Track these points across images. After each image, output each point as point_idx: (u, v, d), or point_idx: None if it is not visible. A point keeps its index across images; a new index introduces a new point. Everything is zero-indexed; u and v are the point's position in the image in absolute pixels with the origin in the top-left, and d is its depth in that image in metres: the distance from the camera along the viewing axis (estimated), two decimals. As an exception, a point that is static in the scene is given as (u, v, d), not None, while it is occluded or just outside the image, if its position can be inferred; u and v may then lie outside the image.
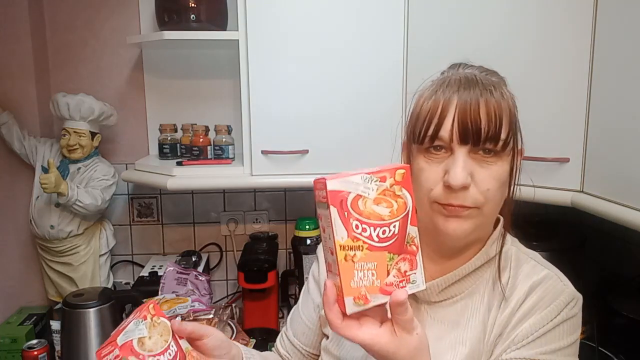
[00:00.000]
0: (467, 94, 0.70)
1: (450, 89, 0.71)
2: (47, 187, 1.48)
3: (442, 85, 0.72)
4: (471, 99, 0.69)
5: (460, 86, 0.71)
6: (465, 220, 0.71)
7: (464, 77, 0.72)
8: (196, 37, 1.55)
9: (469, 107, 0.69)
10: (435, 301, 0.78)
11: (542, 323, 0.73)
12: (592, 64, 1.14)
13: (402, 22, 1.46)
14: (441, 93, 0.71)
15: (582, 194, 1.18)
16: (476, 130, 0.69)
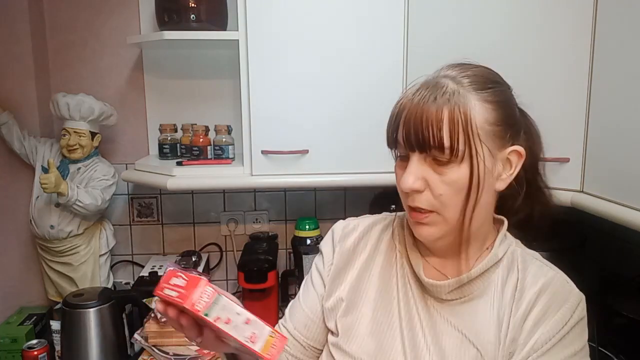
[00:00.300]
0: (418, 99, 0.71)
1: (410, 93, 0.73)
2: (47, 187, 1.48)
3: (409, 89, 0.74)
4: (417, 106, 0.71)
5: (416, 92, 0.72)
6: (430, 226, 0.75)
7: (427, 82, 0.74)
8: (196, 37, 1.55)
9: (413, 115, 0.71)
10: (445, 299, 0.78)
11: (557, 327, 0.74)
12: (592, 64, 1.14)
13: (402, 22, 1.46)
14: (403, 97, 0.74)
15: (582, 194, 1.18)
16: (418, 138, 0.71)
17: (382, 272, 0.85)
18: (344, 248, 0.89)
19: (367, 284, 0.84)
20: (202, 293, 0.66)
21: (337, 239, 0.90)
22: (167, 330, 1.42)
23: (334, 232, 0.92)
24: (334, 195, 1.92)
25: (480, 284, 0.78)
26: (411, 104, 0.72)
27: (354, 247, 0.88)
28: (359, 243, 0.89)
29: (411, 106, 0.72)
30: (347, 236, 0.90)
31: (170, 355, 1.39)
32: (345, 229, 0.91)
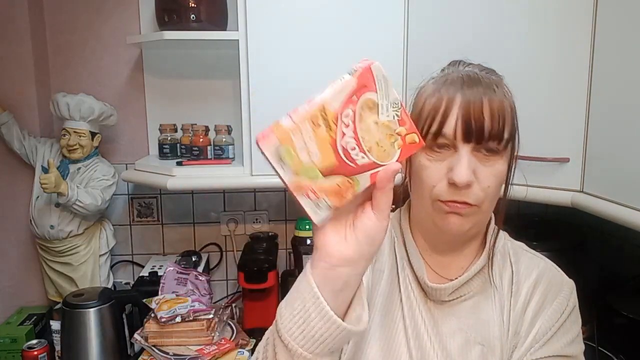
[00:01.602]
0: (470, 92, 0.70)
1: (453, 87, 0.71)
2: (47, 187, 1.48)
3: (445, 83, 0.72)
4: (474, 97, 0.69)
5: (464, 84, 0.71)
6: (465, 218, 0.72)
7: (466, 75, 0.72)
8: (196, 37, 1.55)
9: (472, 105, 0.69)
10: (446, 300, 0.78)
11: (556, 316, 0.76)
12: (592, 64, 1.14)
13: (402, 21, 1.46)
14: (444, 90, 0.71)
15: (582, 194, 1.18)
16: (479, 129, 0.69)
17: (389, 277, 0.82)
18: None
19: (377, 290, 0.81)
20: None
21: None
22: (167, 330, 1.42)
23: None
24: (334, 195, 1.92)
25: (479, 280, 0.79)
26: (464, 96, 0.70)
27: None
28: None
29: (465, 98, 0.70)
30: None
31: (170, 355, 1.39)
32: None
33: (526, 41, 1.24)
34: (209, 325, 1.44)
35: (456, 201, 0.71)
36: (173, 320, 1.41)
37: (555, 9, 1.19)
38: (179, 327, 1.42)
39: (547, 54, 1.21)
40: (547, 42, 1.21)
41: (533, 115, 1.24)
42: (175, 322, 1.41)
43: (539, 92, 1.23)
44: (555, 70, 1.20)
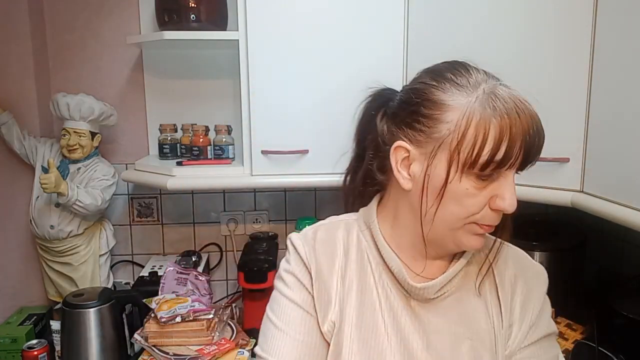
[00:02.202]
0: (527, 122, 0.68)
1: (510, 116, 0.67)
2: (47, 187, 1.48)
3: (499, 109, 0.67)
4: (534, 130, 0.69)
5: (519, 112, 0.68)
6: (484, 234, 0.74)
7: (518, 101, 0.69)
8: (196, 37, 1.55)
9: (534, 139, 0.68)
10: (431, 298, 0.77)
11: (540, 301, 0.80)
12: (592, 64, 1.14)
13: (402, 22, 1.46)
14: (504, 119, 0.67)
15: (582, 194, 1.18)
16: (535, 154, 0.70)
17: (360, 285, 0.78)
18: (318, 253, 0.80)
19: (348, 301, 0.77)
20: None
21: (307, 251, 0.80)
22: (167, 330, 1.42)
23: (297, 248, 0.81)
24: (334, 195, 1.92)
25: (460, 275, 0.79)
26: (519, 121, 0.67)
27: (326, 259, 0.80)
28: (329, 254, 0.80)
29: (525, 129, 0.67)
30: (314, 248, 0.80)
31: (170, 355, 1.39)
32: (309, 241, 0.81)
33: (526, 41, 1.24)
34: (209, 325, 1.44)
35: (492, 225, 0.73)
36: (173, 320, 1.41)
37: (555, 9, 1.19)
38: (179, 327, 1.41)
39: (547, 54, 1.21)
40: (547, 42, 1.21)
41: (533, 115, 1.24)
42: (175, 322, 1.41)
43: (539, 92, 1.22)
44: (555, 70, 1.20)
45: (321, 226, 0.84)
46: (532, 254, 1.53)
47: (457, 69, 0.74)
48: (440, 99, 0.71)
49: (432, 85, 0.73)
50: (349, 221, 0.85)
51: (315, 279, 0.78)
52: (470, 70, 0.73)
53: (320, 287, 0.78)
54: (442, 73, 0.74)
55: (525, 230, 1.61)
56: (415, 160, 0.73)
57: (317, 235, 0.82)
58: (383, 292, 0.78)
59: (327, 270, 0.79)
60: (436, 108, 0.71)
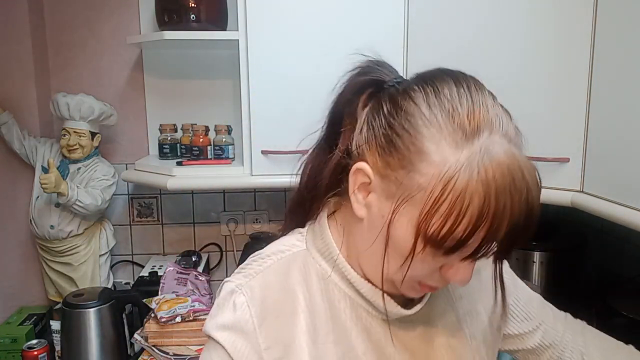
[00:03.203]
0: (520, 208, 0.53)
1: (502, 197, 0.51)
2: (47, 187, 1.48)
3: (488, 186, 0.51)
4: (526, 219, 0.53)
5: (514, 193, 0.52)
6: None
7: (515, 171, 0.52)
8: (196, 37, 1.55)
9: (521, 230, 0.54)
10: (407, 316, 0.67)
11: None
12: (592, 64, 1.14)
13: (402, 22, 1.46)
14: (490, 201, 0.51)
15: (582, 194, 1.18)
16: (514, 249, 0.57)
17: (334, 329, 0.65)
18: (272, 325, 0.63)
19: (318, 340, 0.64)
20: None
21: (255, 314, 0.62)
22: (167, 330, 1.42)
23: (239, 309, 0.62)
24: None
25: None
26: (509, 207, 0.52)
27: (284, 316, 0.63)
28: (287, 307, 0.64)
29: (511, 209, 0.52)
30: (267, 307, 0.63)
31: (170, 355, 1.39)
32: (256, 297, 0.63)
33: (526, 41, 1.24)
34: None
35: (438, 288, 0.63)
36: (173, 320, 1.41)
37: (555, 9, 1.19)
38: (179, 327, 1.41)
39: (547, 54, 1.21)
40: (547, 42, 1.21)
41: (533, 115, 1.24)
42: (175, 322, 1.41)
43: (539, 92, 1.23)
44: (555, 70, 1.20)
45: (268, 270, 0.66)
46: (532, 254, 1.53)
47: (461, 96, 0.56)
48: (421, 137, 0.54)
49: (419, 109, 0.56)
50: (299, 254, 0.68)
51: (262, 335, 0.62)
52: (477, 103, 0.56)
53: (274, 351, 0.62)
54: (440, 95, 0.57)
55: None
56: (375, 192, 0.59)
57: (267, 294, 0.64)
58: (358, 321, 0.65)
59: (291, 340, 0.63)
60: (413, 148, 0.55)
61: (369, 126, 0.61)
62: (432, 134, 0.54)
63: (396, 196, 0.56)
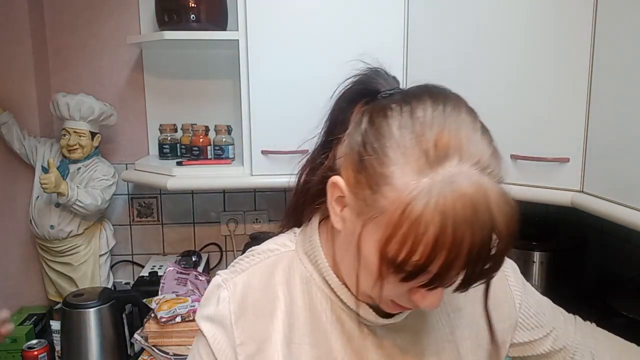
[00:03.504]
0: (479, 240, 0.50)
1: (460, 229, 0.49)
2: (47, 187, 1.48)
3: (445, 216, 0.49)
4: (484, 253, 0.51)
5: (475, 224, 0.49)
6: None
7: (478, 204, 0.50)
8: (196, 37, 1.55)
9: (479, 264, 0.52)
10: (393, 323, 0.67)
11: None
12: (592, 64, 1.14)
13: (402, 22, 1.46)
14: (447, 232, 0.49)
15: (582, 194, 1.18)
16: (480, 282, 0.55)
17: (313, 332, 0.65)
18: (248, 322, 0.65)
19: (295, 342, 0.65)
20: None
21: (233, 310, 0.65)
22: (167, 330, 1.42)
23: (221, 303, 0.65)
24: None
25: None
26: (467, 239, 0.50)
27: (262, 315, 0.65)
28: (266, 306, 0.65)
29: (470, 240, 0.50)
30: (246, 305, 0.65)
31: (170, 355, 1.39)
32: (237, 293, 0.66)
33: (526, 41, 1.24)
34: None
35: (411, 309, 0.61)
36: (173, 320, 1.41)
37: (555, 9, 1.19)
38: (179, 327, 1.41)
39: (548, 54, 1.21)
40: (547, 42, 1.21)
41: (533, 115, 1.24)
42: (175, 322, 1.41)
43: (539, 92, 1.23)
44: (555, 71, 1.20)
45: (254, 268, 0.68)
46: (532, 254, 1.53)
47: (434, 118, 0.54)
48: (387, 160, 0.53)
49: (390, 130, 0.54)
50: (287, 254, 0.69)
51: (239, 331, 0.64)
52: (449, 127, 0.53)
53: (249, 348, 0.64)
54: (413, 116, 0.54)
55: (525, 230, 1.61)
56: (349, 207, 0.58)
57: (249, 292, 0.66)
58: (344, 336, 0.65)
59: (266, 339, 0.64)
60: (379, 169, 0.53)
61: (349, 140, 0.60)
62: (397, 158, 0.52)
63: (364, 215, 0.55)
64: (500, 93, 1.28)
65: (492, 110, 1.30)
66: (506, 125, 1.28)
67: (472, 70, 1.31)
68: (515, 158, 1.26)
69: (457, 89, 0.62)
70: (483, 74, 1.30)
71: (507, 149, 1.27)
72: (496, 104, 1.28)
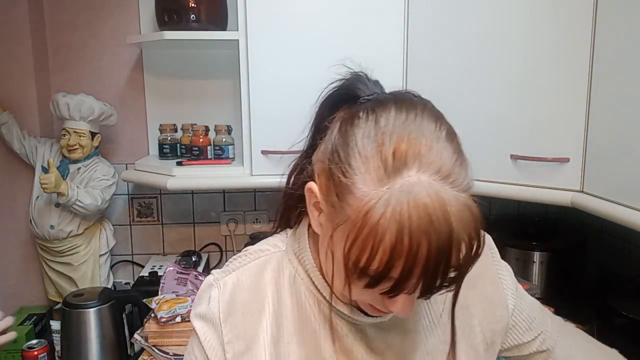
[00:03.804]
0: (436, 248, 0.50)
1: (416, 236, 0.49)
2: (47, 187, 1.48)
3: (401, 224, 0.49)
4: (443, 261, 0.51)
5: (432, 233, 0.50)
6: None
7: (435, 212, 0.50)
8: (196, 37, 1.55)
9: (438, 271, 0.52)
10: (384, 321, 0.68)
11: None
12: (592, 64, 1.14)
13: (402, 23, 1.46)
14: (403, 240, 0.49)
15: (582, 194, 1.18)
16: (442, 290, 0.55)
17: (302, 331, 0.66)
18: (236, 321, 0.66)
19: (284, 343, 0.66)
20: None
21: (222, 309, 0.66)
22: (167, 330, 1.41)
23: (211, 302, 0.67)
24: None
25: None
26: (424, 246, 0.50)
27: (250, 314, 0.66)
28: (254, 306, 0.67)
29: (427, 248, 0.50)
30: (235, 304, 0.66)
31: (170, 355, 1.39)
32: (226, 293, 0.67)
33: (526, 41, 1.24)
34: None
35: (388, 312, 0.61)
36: (173, 320, 1.41)
37: (555, 9, 1.19)
38: (179, 327, 1.41)
39: (548, 54, 1.21)
40: (547, 43, 1.21)
41: (533, 116, 1.24)
42: (175, 322, 1.41)
43: (539, 92, 1.23)
44: (556, 71, 1.20)
45: (245, 268, 0.69)
46: (532, 254, 1.53)
47: (395, 127, 0.54)
48: (351, 170, 0.54)
49: (355, 139, 0.56)
50: (277, 255, 0.70)
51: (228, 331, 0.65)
52: (409, 136, 0.53)
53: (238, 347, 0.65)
54: (377, 125, 0.55)
55: (525, 230, 1.62)
56: (323, 213, 0.59)
57: (238, 292, 0.67)
58: (333, 333, 0.66)
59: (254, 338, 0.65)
60: (344, 179, 0.54)
61: (323, 147, 0.61)
62: (359, 167, 0.53)
63: (333, 221, 0.57)
64: (500, 93, 1.28)
65: (493, 111, 1.31)
66: (506, 125, 1.28)
67: (472, 71, 1.31)
68: (515, 158, 1.26)
69: (458, 90, 0.62)
70: (483, 74, 1.30)
71: (507, 149, 1.28)
72: (496, 104, 1.28)
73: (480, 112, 1.30)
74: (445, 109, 0.60)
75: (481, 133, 1.30)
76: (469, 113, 1.30)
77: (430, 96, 0.62)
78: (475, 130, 1.31)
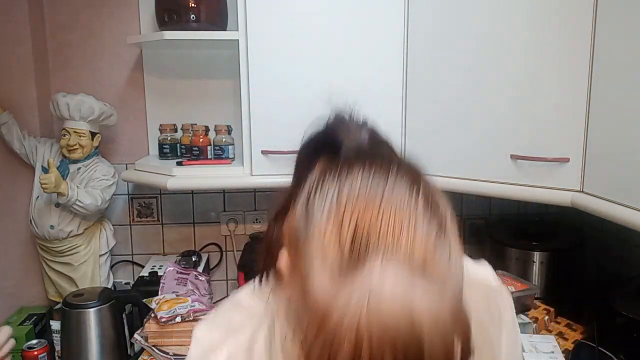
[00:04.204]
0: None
1: (379, 349, 0.42)
2: (47, 187, 1.48)
3: (362, 334, 0.41)
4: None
5: (398, 354, 0.42)
6: None
7: (399, 328, 0.41)
8: (196, 37, 1.55)
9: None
10: None
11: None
12: (592, 64, 1.14)
13: (402, 23, 1.46)
14: (365, 350, 0.41)
15: (582, 194, 1.18)
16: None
17: None
18: None
19: None
20: None
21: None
22: (167, 330, 1.41)
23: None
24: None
25: None
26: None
27: None
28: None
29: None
30: None
31: (170, 355, 1.39)
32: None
33: (526, 41, 1.24)
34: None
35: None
36: (173, 320, 1.41)
37: (555, 9, 1.19)
38: (179, 327, 1.41)
39: (548, 54, 1.21)
40: (547, 42, 1.21)
41: (533, 116, 1.24)
42: (175, 322, 1.41)
43: (539, 92, 1.23)
44: (556, 71, 1.21)
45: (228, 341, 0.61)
46: (532, 254, 1.53)
47: (361, 198, 0.46)
48: (310, 256, 0.46)
49: (319, 214, 0.47)
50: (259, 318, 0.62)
51: None
52: (371, 211, 0.45)
53: None
54: (339, 197, 0.47)
55: (525, 230, 1.62)
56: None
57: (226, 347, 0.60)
58: None
59: None
60: (304, 267, 0.47)
61: (293, 213, 0.52)
62: (317, 256, 0.45)
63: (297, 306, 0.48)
64: (500, 93, 1.28)
65: (493, 111, 1.31)
66: (506, 125, 1.28)
67: (472, 71, 1.31)
68: (515, 158, 1.26)
69: (458, 90, 0.62)
70: (483, 74, 1.30)
71: (507, 149, 1.28)
72: (496, 104, 1.29)
73: (480, 112, 1.30)
74: (446, 109, 0.60)
75: (481, 133, 1.30)
76: (469, 113, 1.30)
77: (430, 96, 0.62)
78: (475, 130, 1.31)
